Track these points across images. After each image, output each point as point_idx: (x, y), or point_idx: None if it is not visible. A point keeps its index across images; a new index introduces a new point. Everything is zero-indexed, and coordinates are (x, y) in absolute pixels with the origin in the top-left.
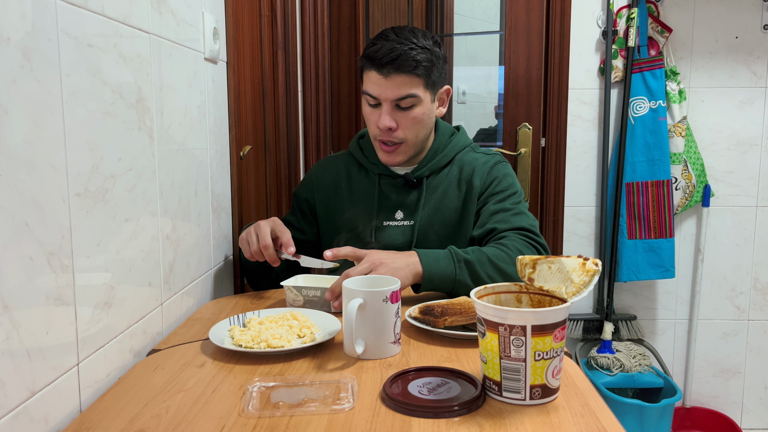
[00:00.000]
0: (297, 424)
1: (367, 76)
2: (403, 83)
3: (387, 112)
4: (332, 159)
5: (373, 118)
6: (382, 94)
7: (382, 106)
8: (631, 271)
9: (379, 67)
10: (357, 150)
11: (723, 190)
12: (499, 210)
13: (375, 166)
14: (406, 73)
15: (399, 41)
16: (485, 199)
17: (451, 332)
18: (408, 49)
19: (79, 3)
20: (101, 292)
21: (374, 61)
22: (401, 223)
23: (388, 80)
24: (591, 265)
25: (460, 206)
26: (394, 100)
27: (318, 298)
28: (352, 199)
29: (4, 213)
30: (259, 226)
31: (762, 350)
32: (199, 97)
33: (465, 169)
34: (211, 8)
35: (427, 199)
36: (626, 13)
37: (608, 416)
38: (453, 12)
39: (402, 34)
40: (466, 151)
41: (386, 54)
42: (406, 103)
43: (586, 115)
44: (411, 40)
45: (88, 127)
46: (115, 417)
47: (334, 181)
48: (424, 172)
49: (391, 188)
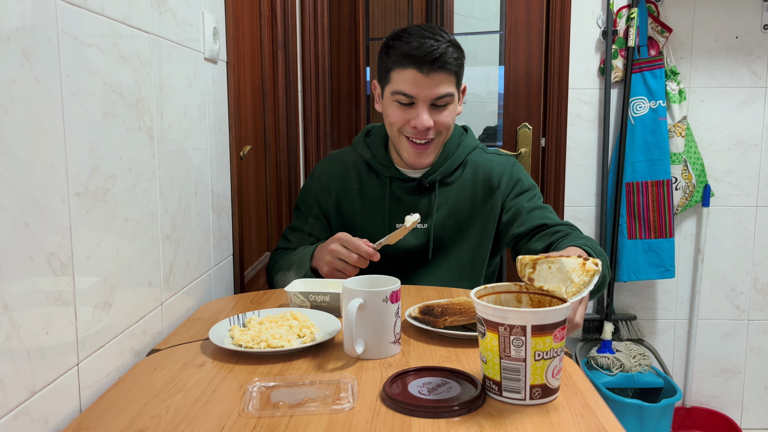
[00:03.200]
0: (297, 424)
1: (401, 74)
2: (442, 81)
3: (425, 111)
4: (339, 158)
5: (404, 117)
6: (421, 93)
7: (418, 105)
8: (631, 271)
9: (420, 65)
10: (365, 149)
11: (723, 190)
12: (535, 207)
13: (385, 168)
14: (447, 71)
15: (434, 38)
16: (513, 198)
17: (451, 332)
18: (446, 46)
19: (79, 3)
20: (101, 292)
21: (415, 59)
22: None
23: (428, 78)
24: (591, 265)
25: (475, 209)
26: (433, 98)
27: (327, 303)
28: (363, 201)
29: (4, 213)
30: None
31: (762, 350)
32: (199, 97)
33: (481, 172)
34: (211, 8)
35: (440, 203)
36: (626, 13)
37: (608, 416)
38: (453, 12)
39: (431, 30)
40: (477, 153)
41: (430, 51)
42: (443, 102)
43: (586, 115)
44: (444, 37)
45: (88, 127)
46: (115, 417)
47: (345, 182)
48: (437, 176)
49: (402, 192)
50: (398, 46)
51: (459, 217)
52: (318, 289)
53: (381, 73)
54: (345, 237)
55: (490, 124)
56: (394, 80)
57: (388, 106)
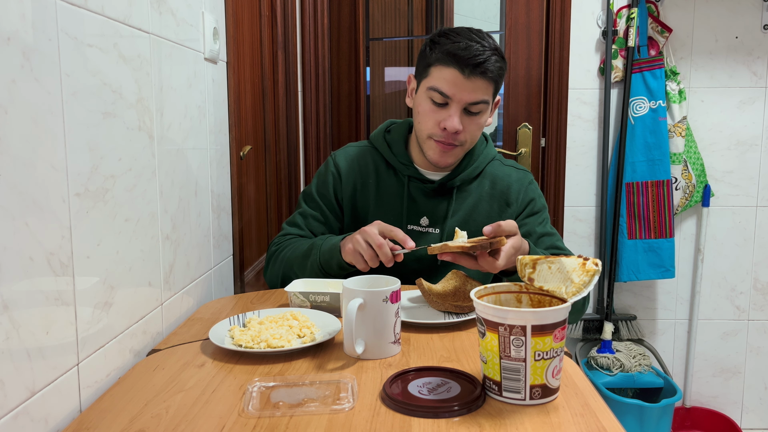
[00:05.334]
0: (297, 424)
1: (441, 71)
2: (480, 87)
3: (457, 114)
4: (357, 152)
5: (436, 117)
6: (458, 94)
7: (451, 107)
8: (631, 271)
9: (462, 66)
10: (384, 146)
11: (723, 190)
12: (545, 234)
13: (405, 167)
14: (487, 78)
15: (481, 43)
16: (524, 218)
17: (444, 322)
18: (491, 53)
19: (79, 3)
20: (101, 292)
21: (459, 59)
22: (426, 230)
23: (468, 81)
24: (591, 265)
25: (490, 221)
26: (468, 103)
27: (327, 303)
28: (379, 198)
29: (4, 213)
30: (364, 231)
31: (762, 350)
32: (199, 97)
33: (499, 185)
34: (211, 8)
35: (456, 209)
36: (626, 13)
37: (608, 416)
38: (453, 12)
39: (480, 35)
40: (495, 164)
41: (475, 55)
42: (477, 108)
43: (586, 115)
44: (492, 45)
45: (88, 127)
46: (115, 417)
47: (363, 176)
48: (456, 182)
49: (419, 193)
50: (444, 43)
51: (473, 227)
52: (318, 289)
53: (420, 67)
54: (384, 225)
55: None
56: (433, 76)
57: (421, 102)
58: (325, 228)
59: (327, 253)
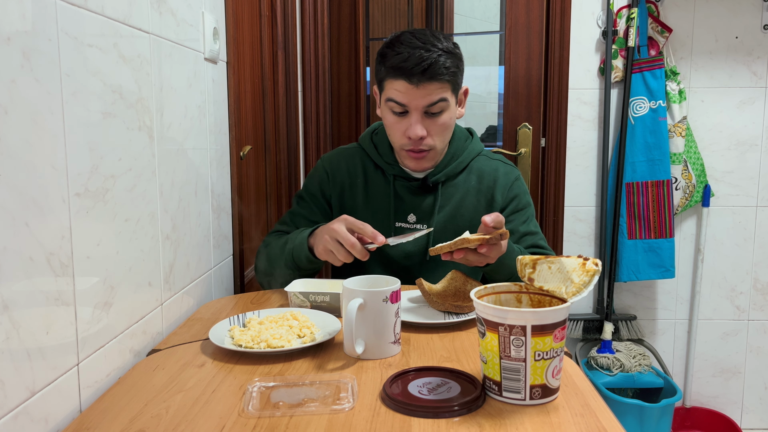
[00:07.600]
0: (297, 424)
1: (392, 84)
2: (433, 90)
3: (417, 121)
4: (345, 153)
5: (400, 128)
6: (412, 102)
7: (411, 115)
8: (631, 271)
9: (409, 76)
10: (371, 147)
11: (723, 190)
12: (527, 233)
13: (390, 166)
14: (439, 80)
15: (425, 47)
16: (508, 215)
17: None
18: (437, 56)
19: (79, 3)
20: (101, 292)
21: (404, 70)
22: (414, 226)
23: (419, 89)
24: (591, 265)
25: (477, 215)
26: (425, 106)
27: (327, 303)
28: (367, 198)
29: (4, 213)
30: (334, 231)
31: (762, 350)
32: (199, 97)
33: (485, 179)
34: (211, 8)
35: (443, 205)
36: (626, 13)
37: (608, 416)
38: (453, 12)
39: (424, 38)
40: (482, 158)
41: (416, 63)
42: (436, 109)
43: (586, 115)
44: (436, 45)
45: (88, 127)
46: (115, 417)
47: (351, 176)
48: (441, 177)
49: (405, 190)
50: (389, 56)
51: (460, 222)
52: (318, 289)
53: (377, 81)
54: (351, 221)
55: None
56: (387, 89)
57: (385, 115)
58: (312, 224)
59: (298, 247)
